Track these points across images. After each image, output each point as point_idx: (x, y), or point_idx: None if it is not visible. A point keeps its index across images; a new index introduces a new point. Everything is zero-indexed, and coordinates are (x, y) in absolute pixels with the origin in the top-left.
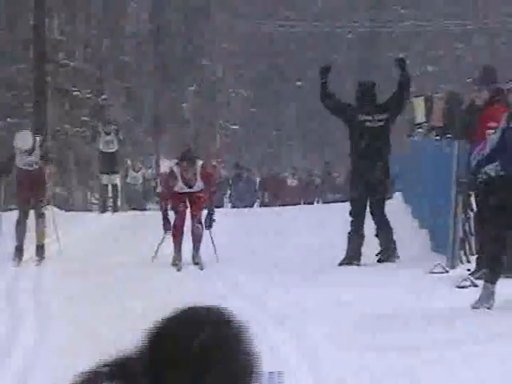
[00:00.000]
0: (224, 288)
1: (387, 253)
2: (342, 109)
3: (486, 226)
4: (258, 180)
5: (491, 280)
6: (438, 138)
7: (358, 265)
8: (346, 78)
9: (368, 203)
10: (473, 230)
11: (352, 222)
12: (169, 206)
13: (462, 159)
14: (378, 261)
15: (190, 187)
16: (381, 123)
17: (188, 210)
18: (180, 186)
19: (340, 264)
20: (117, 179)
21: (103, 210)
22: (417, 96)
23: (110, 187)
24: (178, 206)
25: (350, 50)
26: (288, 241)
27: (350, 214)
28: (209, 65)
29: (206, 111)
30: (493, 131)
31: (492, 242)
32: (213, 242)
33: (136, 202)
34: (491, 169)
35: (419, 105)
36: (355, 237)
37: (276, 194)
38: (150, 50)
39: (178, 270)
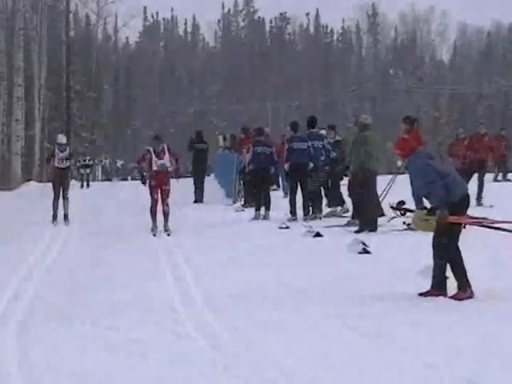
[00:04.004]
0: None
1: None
2: (191, 143)
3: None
4: None
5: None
6: (228, 152)
7: None
8: None
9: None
10: (242, 186)
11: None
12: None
13: (237, 161)
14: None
15: (161, 159)
16: (204, 147)
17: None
18: (154, 160)
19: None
20: None
21: None
22: (220, 135)
23: None
24: (153, 194)
25: None
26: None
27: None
28: None
29: None
30: None
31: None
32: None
33: None
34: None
35: (220, 139)
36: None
37: None
38: None
39: (154, 235)
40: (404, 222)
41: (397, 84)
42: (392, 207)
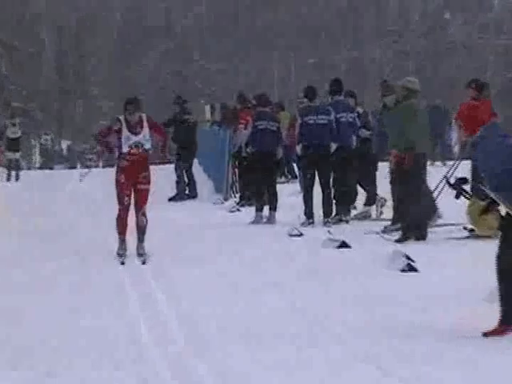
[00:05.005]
0: None
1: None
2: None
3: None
4: None
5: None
6: (218, 127)
7: None
8: None
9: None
10: (237, 177)
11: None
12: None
13: (230, 141)
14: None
15: (136, 134)
16: (192, 119)
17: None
18: (126, 136)
19: None
20: None
21: None
22: (206, 104)
23: None
24: (123, 198)
25: None
26: None
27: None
28: None
29: None
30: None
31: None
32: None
33: None
34: None
35: (207, 109)
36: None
37: None
38: None
39: (122, 263)
40: (465, 228)
41: (454, 34)
42: (448, 183)
